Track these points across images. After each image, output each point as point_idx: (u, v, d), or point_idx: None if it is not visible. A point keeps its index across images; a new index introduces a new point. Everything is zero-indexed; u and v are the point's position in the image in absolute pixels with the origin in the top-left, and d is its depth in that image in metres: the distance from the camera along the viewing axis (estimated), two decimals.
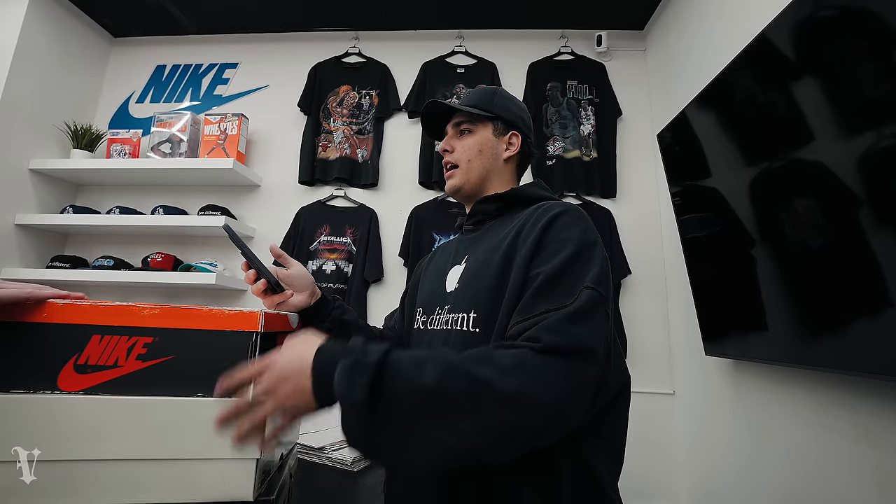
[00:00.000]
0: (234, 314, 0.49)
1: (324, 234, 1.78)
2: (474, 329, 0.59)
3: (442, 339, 0.64)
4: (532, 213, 0.63)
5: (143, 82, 2.07)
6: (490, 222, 0.73)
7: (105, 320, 0.47)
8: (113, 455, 0.45)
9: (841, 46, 0.82)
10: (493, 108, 0.76)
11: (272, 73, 2.02)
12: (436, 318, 0.68)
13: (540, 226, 0.59)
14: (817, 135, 0.87)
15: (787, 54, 0.94)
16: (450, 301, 0.66)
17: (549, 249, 0.56)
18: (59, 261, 1.73)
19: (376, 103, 1.91)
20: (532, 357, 0.46)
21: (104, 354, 0.47)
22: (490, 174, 0.75)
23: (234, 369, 0.47)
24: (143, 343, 0.47)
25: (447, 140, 0.78)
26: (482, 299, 0.60)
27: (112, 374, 0.46)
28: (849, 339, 0.81)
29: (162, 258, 1.72)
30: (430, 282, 0.76)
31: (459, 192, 0.76)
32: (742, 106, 1.10)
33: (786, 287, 0.97)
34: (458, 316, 0.62)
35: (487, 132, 0.76)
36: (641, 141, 1.84)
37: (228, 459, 0.46)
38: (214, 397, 0.48)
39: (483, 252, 0.66)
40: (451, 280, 0.70)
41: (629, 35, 1.93)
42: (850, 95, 0.81)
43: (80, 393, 0.46)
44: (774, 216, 0.99)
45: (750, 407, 1.21)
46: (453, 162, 0.76)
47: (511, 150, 0.76)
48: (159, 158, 1.77)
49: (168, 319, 0.48)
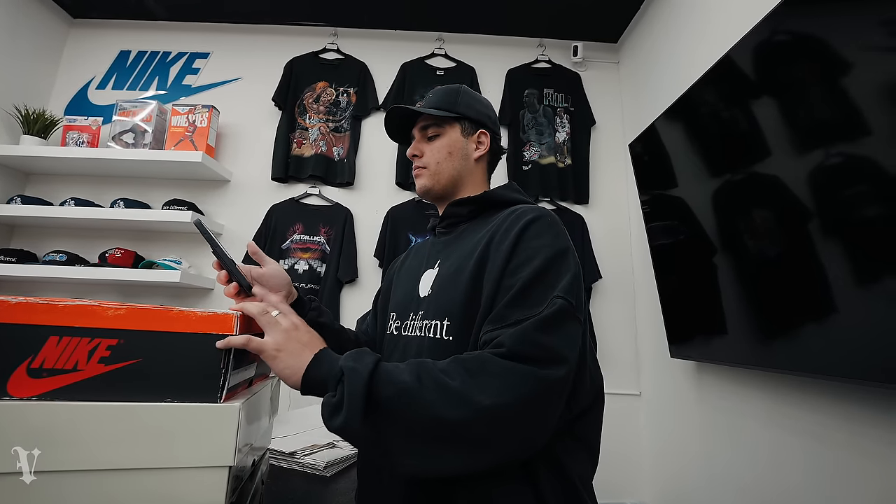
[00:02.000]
0: (208, 316, 0.47)
1: (297, 233, 1.74)
2: (448, 337, 0.59)
3: (416, 346, 0.63)
4: (505, 219, 0.63)
5: (104, 68, 1.95)
6: (463, 225, 0.73)
7: (64, 321, 0.44)
8: (72, 465, 0.42)
9: (795, 69, 0.88)
10: (458, 107, 0.74)
11: (246, 66, 1.96)
12: (410, 324, 0.67)
13: (513, 233, 0.58)
14: (773, 151, 0.93)
15: (748, 75, 1.00)
16: (423, 307, 0.66)
17: (521, 258, 0.56)
18: (5, 254, 1.60)
19: (354, 101, 1.89)
20: (494, 362, 0.48)
21: (62, 357, 0.43)
22: (461, 175, 0.74)
23: (207, 376, 0.45)
24: (106, 345, 0.44)
25: (415, 145, 0.76)
26: (456, 307, 0.59)
27: (71, 378, 0.43)
28: (801, 342, 0.87)
29: (121, 254, 1.63)
30: (403, 285, 0.75)
31: (429, 194, 0.75)
32: (707, 121, 1.17)
33: (744, 293, 1.03)
34: (431, 323, 0.62)
35: (455, 133, 0.74)
36: (613, 149, 1.90)
37: (199, 468, 0.44)
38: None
39: (457, 257, 0.65)
40: (424, 285, 0.69)
41: (604, 47, 1.99)
42: (802, 115, 0.87)
43: (34, 399, 0.42)
44: (734, 226, 1.05)
45: (712, 407, 1.27)
46: (422, 165, 0.75)
47: (481, 150, 0.75)
48: (121, 149, 1.68)
49: (135, 320, 0.45)
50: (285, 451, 0.84)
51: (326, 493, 0.75)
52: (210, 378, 0.46)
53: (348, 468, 0.85)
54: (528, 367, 0.48)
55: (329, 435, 0.96)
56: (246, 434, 0.49)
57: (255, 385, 0.60)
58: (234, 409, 0.45)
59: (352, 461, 0.88)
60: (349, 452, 0.88)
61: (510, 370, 0.47)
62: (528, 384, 0.47)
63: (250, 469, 0.56)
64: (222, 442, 0.44)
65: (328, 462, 0.82)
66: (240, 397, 0.50)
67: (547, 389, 0.48)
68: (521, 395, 0.47)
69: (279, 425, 1.02)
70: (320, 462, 0.81)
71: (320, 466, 0.80)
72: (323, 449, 0.88)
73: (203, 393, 0.46)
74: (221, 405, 0.46)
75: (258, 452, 0.61)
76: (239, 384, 0.53)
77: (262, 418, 0.61)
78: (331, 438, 0.93)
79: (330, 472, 0.81)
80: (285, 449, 0.84)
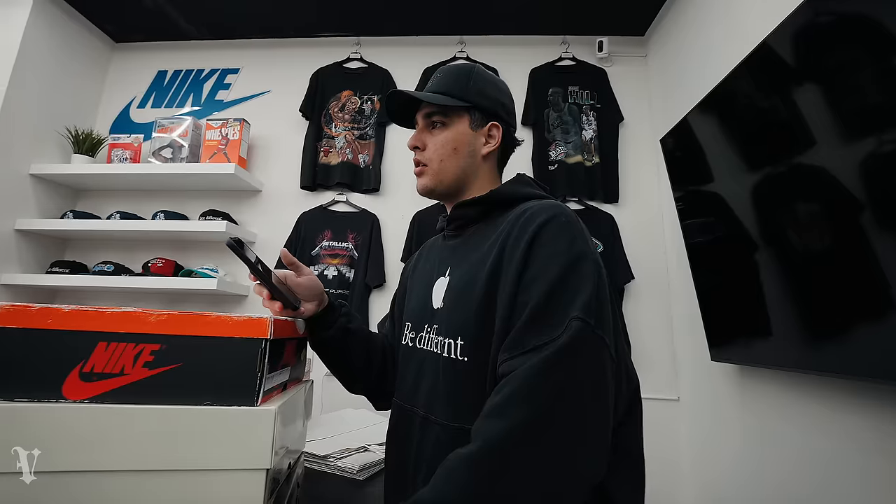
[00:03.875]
0: (243, 321, 0.48)
1: (325, 240, 1.78)
2: (462, 358, 0.57)
3: (432, 363, 0.61)
4: (515, 221, 0.58)
5: (144, 87, 2.07)
6: (472, 227, 0.67)
7: (111, 327, 0.46)
8: (118, 466, 0.44)
9: (842, 53, 0.83)
10: (468, 94, 0.66)
11: (274, 79, 2.02)
12: (424, 336, 0.65)
13: (525, 240, 0.54)
14: (819, 140, 0.87)
15: (789, 62, 0.95)
16: (437, 320, 0.63)
17: (534, 269, 0.52)
18: (59, 266, 1.72)
19: (378, 108, 1.91)
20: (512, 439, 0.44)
21: (110, 362, 0.46)
22: (467, 174, 0.67)
23: (244, 379, 0.46)
24: (150, 350, 0.46)
25: (416, 135, 0.69)
26: (469, 327, 0.57)
27: (118, 381, 0.46)
28: (856, 344, 0.81)
29: (163, 263, 1.71)
30: (417, 293, 0.72)
31: (432, 194, 0.69)
32: (744, 112, 1.11)
33: (790, 292, 0.97)
34: (445, 341, 0.59)
35: (463, 125, 0.66)
36: (643, 145, 1.85)
37: (238, 470, 0.45)
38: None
39: (467, 266, 0.62)
40: (436, 295, 0.65)
41: (630, 41, 1.94)
42: (851, 101, 0.81)
43: (86, 402, 0.45)
44: (777, 221, 0.99)
45: (758, 413, 1.20)
46: (424, 161, 0.67)
47: (491, 145, 0.67)
48: (160, 163, 1.77)
49: (175, 326, 0.47)
50: (319, 453, 0.85)
51: (359, 496, 0.76)
52: (246, 381, 0.47)
53: (381, 472, 0.86)
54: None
55: (361, 438, 0.97)
56: (282, 437, 0.50)
57: (289, 389, 0.62)
58: (271, 412, 0.46)
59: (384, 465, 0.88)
60: (381, 456, 0.89)
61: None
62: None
63: (286, 472, 0.57)
64: (259, 444, 0.45)
65: (361, 466, 0.82)
66: (276, 400, 0.51)
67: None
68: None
69: (312, 428, 1.04)
70: (354, 465, 0.82)
71: (353, 470, 0.81)
72: (355, 452, 0.89)
73: (240, 396, 0.47)
74: (258, 408, 0.47)
75: (293, 455, 0.63)
76: (274, 388, 0.54)
77: (297, 421, 0.62)
78: (363, 442, 0.94)
79: (363, 476, 0.82)
80: (319, 452, 0.86)
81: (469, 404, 0.55)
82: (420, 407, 0.62)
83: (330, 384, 1.67)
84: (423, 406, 0.61)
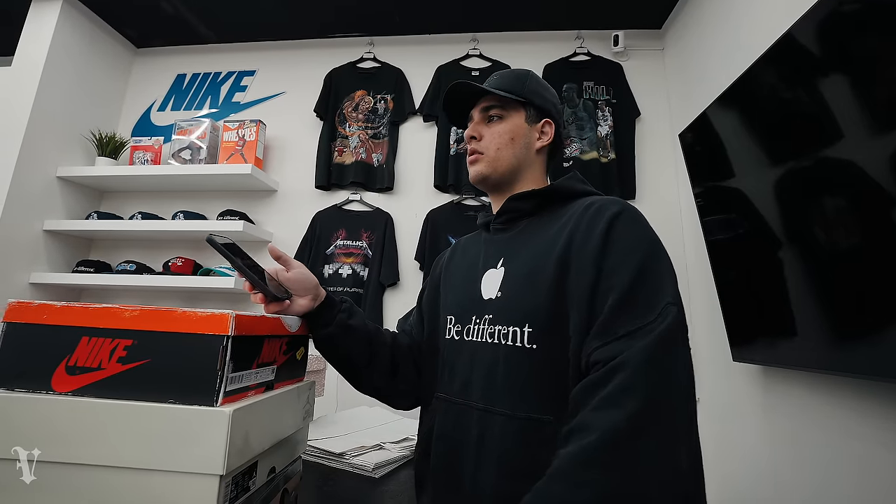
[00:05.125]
0: (206, 316, 0.47)
1: (340, 239, 1.80)
2: (530, 345, 0.56)
3: (490, 354, 0.60)
4: (583, 214, 0.58)
5: (164, 91, 2.12)
6: (524, 220, 0.67)
7: (92, 322, 0.47)
8: (72, 459, 0.44)
9: (871, 42, 0.79)
10: (525, 92, 0.69)
11: (289, 80, 2.04)
12: (474, 328, 0.63)
13: (598, 231, 0.55)
14: (847, 133, 0.84)
15: (814, 53, 0.91)
16: (491, 310, 0.62)
17: (615, 257, 0.53)
18: (84, 265, 1.77)
19: (391, 108, 1.92)
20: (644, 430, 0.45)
21: (91, 356, 0.47)
22: (521, 165, 0.69)
23: (204, 377, 0.45)
24: (123, 345, 0.47)
25: (474, 126, 0.71)
26: (539, 313, 0.56)
27: (96, 376, 0.47)
28: (885, 345, 0.78)
29: (182, 262, 1.75)
30: (458, 286, 0.71)
31: (486, 182, 0.70)
32: (767, 105, 1.07)
33: (816, 290, 0.93)
34: (506, 329, 0.58)
35: (520, 119, 0.69)
36: (660, 141, 1.81)
37: (190, 474, 0.44)
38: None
39: (529, 256, 0.61)
40: (488, 285, 0.64)
41: (646, 34, 1.90)
42: (881, 91, 0.78)
43: (70, 395, 0.46)
44: (802, 217, 0.96)
45: (781, 416, 1.17)
46: (480, 150, 0.69)
47: (544, 140, 0.70)
48: (179, 165, 1.81)
49: (146, 322, 0.47)
50: (335, 451, 0.86)
51: (375, 494, 0.76)
52: (206, 380, 0.46)
53: (396, 470, 0.86)
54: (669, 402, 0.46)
55: (376, 436, 0.98)
56: (246, 441, 0.47)
57: (277, 388, 0.59)
58: (225, 414, 0.44)
59: (399, 463, 0.89)
60: (397, 454, 0.89)
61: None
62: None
63: (266, 479, 0.55)
64: (211, 448, 0.43)
65: (377, 464, 0.83)
66: (242, 401, 0.48)
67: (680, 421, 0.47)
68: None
69: (327, 426, 1.05)
70: (369, 463, 0.82)
71: (369, 468, 0.82)
72: (371, 450, 0.89)
73: (200, 395, 0.45)
74: (213, 409, 0.44)
75: (280, 461, 0.59)
76: (247, 387, 0.51)
77: (281, 424, 0.58)
78: (378, 440, 0.95)
79: (378, 474, 0.82)
80: (335, 449, 0.86)
81: (538, 393, 0.55)
82: (477, 400, 0.60)
83: (345, 382, 1.69)
84: (480, 398, 0.59)
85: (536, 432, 0.54)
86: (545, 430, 0.53)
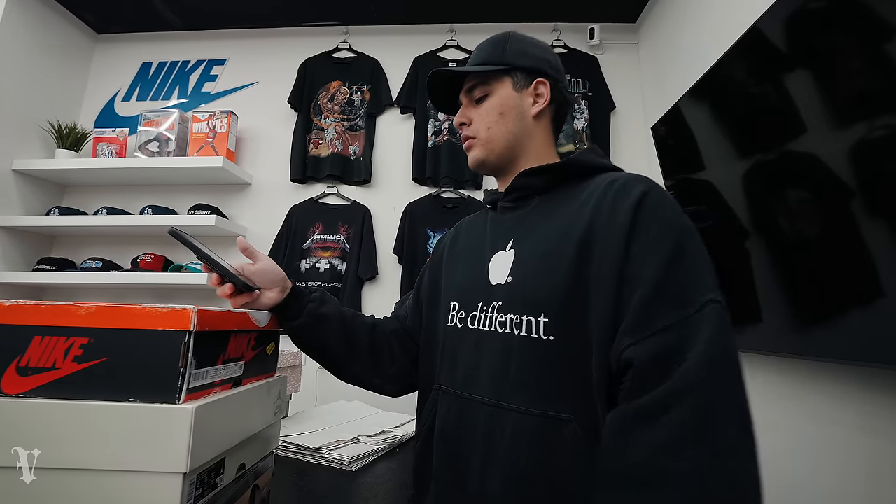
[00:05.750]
0: (166, 312, 0.46)
1: (317, 232, 1.76)
2: (547, 336, 0.50)
3: (500, 344, 0.54)
4: (606, 192, 0.52)
5: (128, 80, 2.02)
6: (536, 198, 0.61)
7: (45, 321, 0.45)
8: (38, 463, 0.42)
9: (833, 38, 0.82)
10: (506, 58, 0.63)
11: (261, 70, 1.99)
12: (480, 315, 0.58)
13: (625, 210, 0.49)
14: (810, 127, 0.87)
15: (779, 47, 0.94)
16: (500, 297, 0.56)
17: (645, 242, 0.47)
18: (46, 263, 1.69)
19: (368, 99, 1.89)
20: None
21: (44, 356, 0.45)
22: (519, 139, 0.63)
23: (165, 374, 0.44)
24: (79, 344, 0.45)
25: (462, 111, 0.66)
26: (556, 300, 0.50)
27: (50, 376, 0.45)
28: (844, 330, 0.82)
29: (152, 259, 1.69)
30: (462, 270, 0.65)
31: (484, 166, 0.65)
32: (735, 98, 1.10)
33: (781, 278, 0.97)
34: (518, 318, 0.53)
35: (506, 89, 0.63)
36: (635, 134, 1.84)
37: (153, 473, 0.43)
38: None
39: (542, 237, 0.56)
40: (496, 270, 0.59)
41: (622, 28, 1.92)
42: (842, 87, 0.81)
43: (21, 396, 0.44)
44: (768, 208, 0.99)
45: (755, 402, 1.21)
46: (471, 135, 0.64)
47: (540, 103, 0.63)
48: (147, 157, 1.73)
49: (103, 319, 0.45)
50: (311, 446, 0.85)
51: (352, 487, 0.76)
52: (168, 377, 0.45)
53: (373, 463, 0.86)
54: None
55: (354, 430, 0.97)
56: (210, 438, 0.47)
57: (245, 384, 0.58)
58: (188, 411, 0.43)
59: (377, 455, 0.88)
60: (373, 447, 0.89)
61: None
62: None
63: (235, 476, 0.54)
64: (174, 447, 0.43)
65: (353, 457, 0.82)
66: (207, 398, 0.48)
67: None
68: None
69: (305, 421, 1.04)
70: (346, 457, 0.82)
71: (345, 461, 0.81)
72: (347, 444, 0.89)
73: (162, 393, 0.45)
74: (175, 407, 0.44)
75: (250, 458, 0.58)
76: (212, 384, 0.50)
77: (248, 420, 0.57)
78: (356, 433, 0.94)
79: (355, 467, 0.82)
80: (311, 444, 0.85)
81: (556, 387, 0.50)
82: (484, 394, 0.55)
83: (324, 377, 1.67)
84: (489, 393, 0.54)
85: (555, 432, 0.48)
86: (564, 429, 0.48)
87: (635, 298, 0.45)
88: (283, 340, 0.69)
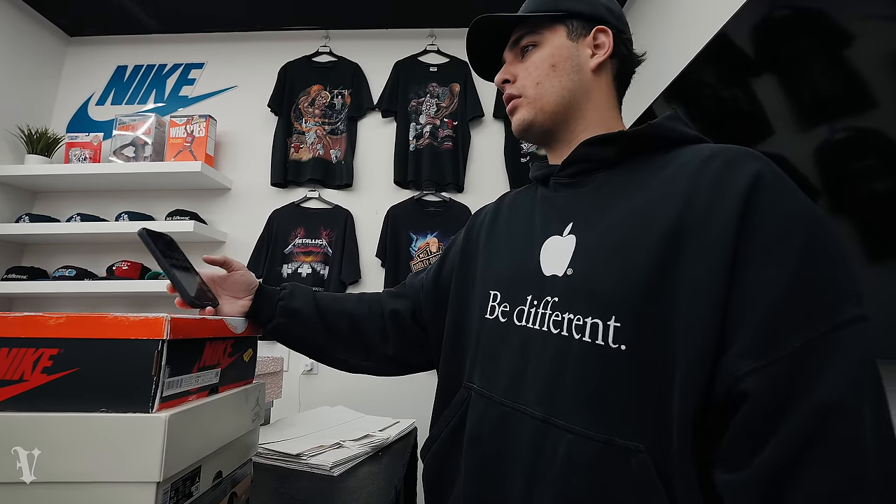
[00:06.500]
0: (139, 321, 0.45)
1: (298, 237, 1.75)
2: (617, 345, 0.41)
3: (554, 348, 0.45)
4: (702, 170, 0.42)
5: (102, 84, 1.98)
6: (601, 173, 0.50)
7: (12, 332, 0.44)
8: (12, 478, 0.41)
9: (796, 44, 0.85)
10: (559, 3, 0.54)
11: (240, 74, 1.97)
12: (529, 311, 0.49)
13: (735, 198, 0.38)
14: (777, 129, 0.90)
15: (746, 51, 0.98)
16: (556, 291, 0.47)
17: (766, 240, 0.37)
18: (16, 272, 1.64)
19: (349, 103, 1.89)
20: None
21: (10, 368, 0.44)
22: (576, 95, 0.53)
23: (138, 383, 0.43)
24: (48, 355, 0.44)
25: (504, 68, 0.57)
26: (632, 303, 0.41)
27: (17, 389, 0.44)
28: None
29: (128, 266, 1.65)
30: (506, 254, 0.56)
31: (531, 130, 0.55)
32: (705, 102, 1.14)
33: None
34: (581, 320, 0.44)
35: (559, 38, 0.53)
36: None
37: (125, 483, 0.42)
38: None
39: (616, 223, 0.45)
40: (551, 257, 0.49)
41: None
42: (805, 91, 0.84)
43: None
44: None
45: None
46: (516, 93, 0.55)
47: (600, 54, 0.53)
48: (122, 163, 1.70)
49: (73, 329, 0.45)
50: (292, 452, 0.84)
51: (334, 492, 0.75)
52: (141, 386, 0.44)
53: (355, 468, 0.85)
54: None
55: (336, 435, 0.97)
56: (185, 446, 0.46)
57: (222, 392, 0.57)
58: (160, 419, 0.43)
59: (359, 460, 0.88)
60: (356, 452, 0.88)
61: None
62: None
63: (212, 484, 0.53)
64: (147, 456, 0.42)
65: (335, 462, 0.82)
66: (181, 406, 0.47)
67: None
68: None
69: (287, 427, 1.03)
70: (327, 462, 0.81)
71: (327, 466, 0.81)
72: (329, 449, 0.88)
73: (135, 402, 0.44)
74: (148, 416, 0.43)
75: (227, 465, 0.57)
76: (188, 392, 0.50)
77: (223, 428, 0.56)
78: (337, 438, 0.94)
79: (337, 472, 0.81)
80: (291, 451, 0.85)
81: (626, 410, 0.40)
82: (530, 404, 0.46)
83: (307, 382, 1.66)
84: (536, 403, 0.45)
85: (621, 462, 0.39)
86: (632, 461, 0.39)
87: (755, 311, 0.36)
88: (262, 346, 0.69)
